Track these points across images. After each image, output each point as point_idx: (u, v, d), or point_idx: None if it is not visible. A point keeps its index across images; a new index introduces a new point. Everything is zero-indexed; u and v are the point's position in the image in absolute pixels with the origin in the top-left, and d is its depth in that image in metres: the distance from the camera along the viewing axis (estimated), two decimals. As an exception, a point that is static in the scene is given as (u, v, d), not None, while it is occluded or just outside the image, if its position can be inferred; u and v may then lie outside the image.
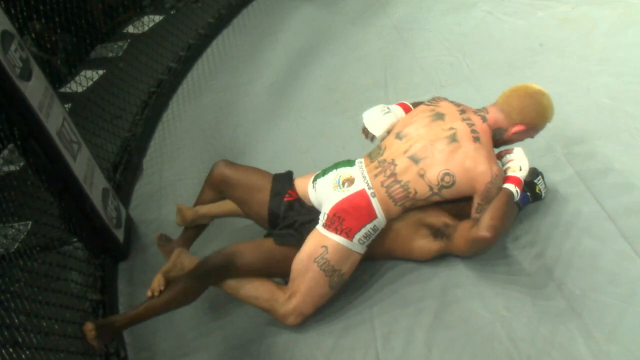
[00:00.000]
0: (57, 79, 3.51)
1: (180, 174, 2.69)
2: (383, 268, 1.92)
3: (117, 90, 3.16)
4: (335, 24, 3.45)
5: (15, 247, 2.33)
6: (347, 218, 1.74)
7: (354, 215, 1.75)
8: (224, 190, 2.02)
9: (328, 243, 1.74)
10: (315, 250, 1.75)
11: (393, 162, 1.77)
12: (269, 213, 1.92)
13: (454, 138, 1.73)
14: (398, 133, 1.85)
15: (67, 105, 2.57)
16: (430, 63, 2.81)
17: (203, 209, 2.04)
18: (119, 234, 2.27)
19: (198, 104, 3.19)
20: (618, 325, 1.56)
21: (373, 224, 1.76)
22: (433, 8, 3.23)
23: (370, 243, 1.81)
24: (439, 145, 1.74)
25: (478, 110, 1.83)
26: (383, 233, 1.83)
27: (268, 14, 3.82)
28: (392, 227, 1.83)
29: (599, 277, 1.69)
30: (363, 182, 1.78)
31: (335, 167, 1.88)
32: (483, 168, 1.69)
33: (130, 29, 4.00)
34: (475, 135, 1.73)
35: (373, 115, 1.95)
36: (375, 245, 1.84)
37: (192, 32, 3.66)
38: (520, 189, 1.73)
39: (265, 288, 1.80)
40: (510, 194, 1.71)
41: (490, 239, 1.66)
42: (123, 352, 1.95)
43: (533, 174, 1.90)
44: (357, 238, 1.75)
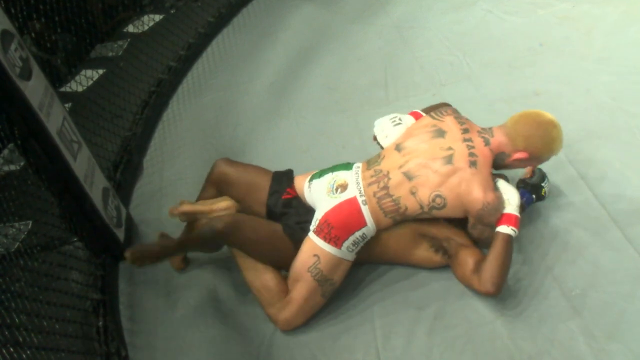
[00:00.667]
0: (57, 79, 3.50)
1: (181, 173, 2.69)
2: (383, 268, 1.93)
3: (117, 90, 3.15)
4: (335, 23, 3.44)
5: (16, 246, 2.33)
6: (336, 226, 1.75)
7: (343, 223, 1.75)
8: (224, 188, 2.03)
9: (319, 252, 1.75)
10: (308, 260, 1.76)
11: (388, 174, 1.77)
12: (267, 210, 1.94)
13: (450, 160, 1.71)
14: (398, 145, 1.84)
15: (67, 105, 2.56)
16: (431, 62, 2.81)
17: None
18: (120, 234, 2.27)
19: (198, 103, 3.18)
20: (619, 324, 1.57)
21: (362, 232, 1.76)
22: (433, 7, 3.22)
23: (370, 251, 1.82)
24: (435, 165, 1.72)
25: (483, 131, 1.78)
26: (383, 242, 1.83)
27: (268, 13, 3.82)
28: (391, 236, 1.82)
29: (600, 276, 1.69)
30: (356, 189, 1.78)
31: (332, 170, 1.88)
32: (476, 195, 1.66)
33: (130, 29, 4.00)
34: (473, 160, 1.69)
35: (384, 125, 1.94)
36: (375, 254, 1.84)
37: (192, 31, 3.65)
38: (517, 226, 1.68)
39: (270, 286, 1.82)
40: (509, 239, 1.67)
41: (494, 294, 1.65)
42: (124, 351, 1.95)
43: (541, 177, 1.85)
44: (345, 246, 1.76)
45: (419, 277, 1.86)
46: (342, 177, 1.83)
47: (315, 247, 1.76)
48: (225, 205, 2.01)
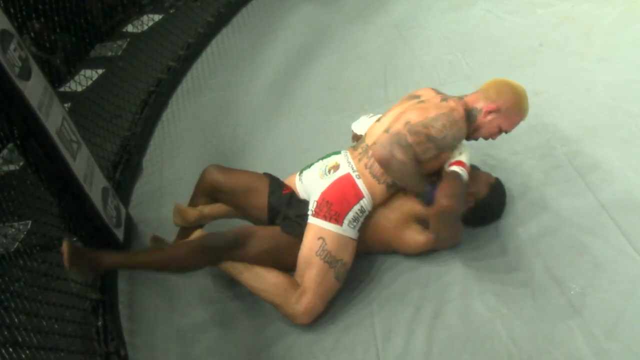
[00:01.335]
0: (56, 78, 3.50)
1: (180, 173, 2.69)
2: (383, 267, 1.93)
3: (116, 90, 3.16)
4: (335, 23, 3.45)
5: (15, 246, 2.33)
6: (334, 202, 1.78)
7: (341, 198, 1.79)
8: (218, 197, 2.01)
9: (323, 234, 1.77)
10: (314, 244, 1.77)
11: (374, 143, 1.82)
12: (269, 208, 1.93)
13: (420, 102, 1.82)
14: (379, 119, 1.94)
15: (66, 105, 2.56)
16: (430, 61, 2.81)
17: (207, 209, 2.04)
18: (119, 233, 2.27)
19: (198, 103, 3.19)
20: (618, 323, 1.56)
21: (360, 205, 1.80)
22: (433, 6, 3.23)
23: (364, 233, 1.84)
24: (407, 109, 1.82)
25: (459, 96, 1.88)
26: (375, 222, 1.86)
27: (267, 13, 3.82)
28: (383, 216, 1.87)
29: (599, 275, 1.69)
30: (348, 166, 1.85)
31: (322, 158, 1.94)
32: (434, 113, 1.75)
33: (130, 28, 4.00)
34: (444, 98, 1.81)
35: (360, 121, 2.10)
36: (368, 235, 1.86)
37: (191, 31, 3.66)
38: (467, 169, 1.79)
39: (278, 283, 1.80)
40: (456, 174, 1.76)
41: (447, 206, 1.67)
42: (123, 351, 1.95)
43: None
44: (346, 222, 1.78)
45: (419, 276, 1.86)
46: (332, 160, 1.90)
47: (319, 229, 1.78)
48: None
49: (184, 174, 2.66)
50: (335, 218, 1.77)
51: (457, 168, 1.78)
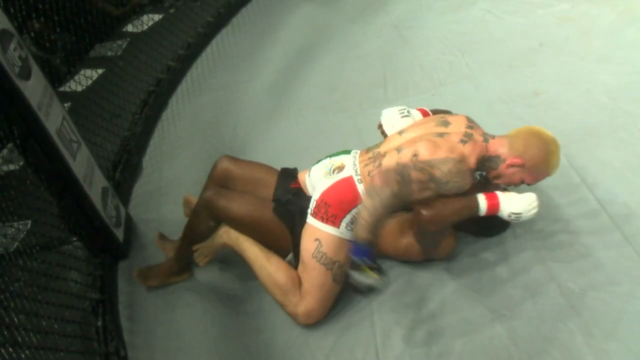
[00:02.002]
0: (56, 78, 3.49)
1: (180, 173, 2.69)
2: (383, 267, 1.92)
3: (116, 89, 3.15)
4: (335, 23, 3.44)
5: (15, 246, 2.33)
6: (332, 204, 1.77)
7: (339, 201, 1.77)
8: (228, 186, 2.03)
9: (320, 235, 1.77)
10: (311, 246, 1.78)
11: (385, 154, 1.79)
12: (274, 200, 1.93)
13: (442, 135, 1.71)
14: (402, 131, 1.86)
15: (66, 105, 2.55)
16: (430, 61, 2.81)
17: None
18: (119, 233, 2.27)
19: (197, 103, 3.18)
20: (618, 324, 1.57)
21: (358, 209, 1.76)
22: (433, 6, 3.23)
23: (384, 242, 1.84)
24: (425, 137, 1.72)
25: (486, 134, 1.76)
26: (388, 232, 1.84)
27: (267, 13, 3.82)
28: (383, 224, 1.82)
29: (599, 275, 1.69)
30: (352, 169, 1.82)
31: (331, 155, 1.92)
32: (443, 153, 1.63)
33: (130, 28, 4.00)
34: (463, 139, 1.68)
35: (391, 115, 1.95)
36: (386, 243, 1.86)
37: (191, 31, 3.65)
38: (494, 208, 1.64)
39: (283, 283, 1.82)
40: (472, 204, 1.64)
41: (425, 218, 1.63)
42: (123, 351, 1.95)
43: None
44: (343, 224, 1.77)
45: (418, 276, 1.86)
46: (339, 160, 1.87)
47: (315, 231, 1.78)
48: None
49: (184, 174, 2.66)
50: (332, 220, 1.77)
51: (482, 201, 1.65)
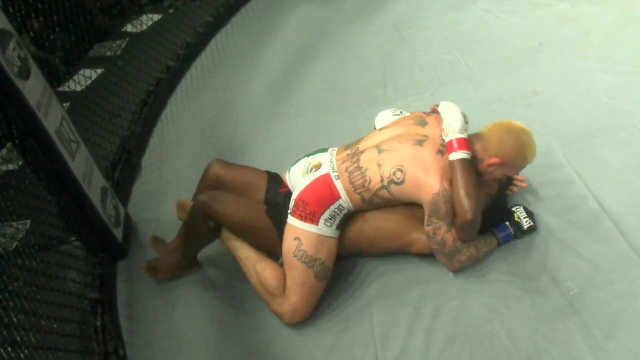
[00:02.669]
0: (55, 78, 3.50)
1: (179, 173, 2.69)
2: (382, 267, 1.93)
3: (116, 89, 3.16)
4: (335, 23, 3.44)
5: (14, 246, 2.33)
6: (310, 202, 1.78)
7: (317, 198, 1.78)
8: (220, 189, 2.02)
9: (299, 234, 1.78)
10: (291, 245, 1.79)
11: (364, 152, 1.81)
12: (266, 205, 1.93)
13: (422, 143, 1.73)
14: (382, 128, 1.90)
15: (65, 105, 2.56)
16: (430, 61, 2.81)
17: None
18: (118, 233, 2.27)
19: (197, 103, 3.18)
20: (617, 323, 1.56)
21: (338, 204, 1.79)
22: (432, 6, 3.22)
23: (366, 232, 1.84)
24: (406, 144, 1.74)
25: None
26: (378, 227, 1.84)
27: (267, 13, 3.82)
28: (388, 219, 1.83)
29: (598, 275, 1.69)
30: (329, 166, 1.82)
31: (309, 155, 1.93)
32: (432, 179, 1.67)
33: (129, 28, 4.00)
34: (442, 149, 1.71)
35: (385, 117, 2.02)
36: (372, 234, 1.85)
37: (191, 31, 3.66)
38: (466, 148, 1.67)
39: (269, 283, 1.83)
40: (465, 163, 1.66)
41: (473, 219, 1.64)
42: (122, 351, 1.95)
43: (527, 213, 1.85)
44: (322, 221, 1.78)
45: (418, 276, 1.86)
46: (316, 159, 1.88)
47: (294, 230, 1.79)
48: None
49: (183, 174, 2.66)
50: (311, 218, 1.77)
51: (460, 155, 1.66)
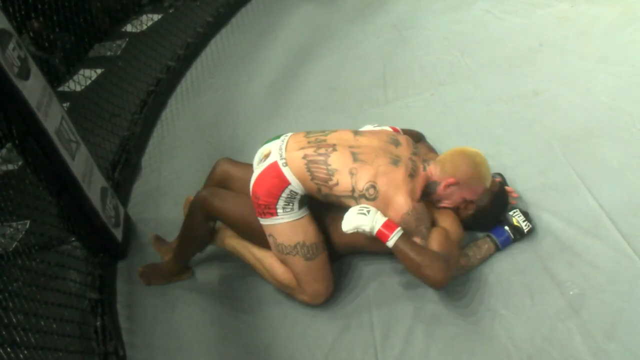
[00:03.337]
0: (55, 78, 3.50)
1: (179, 173, 2.69)
2: (382, 267, 1.92)
3: (115, 89, 3.16)
4: (335, 23, 3.44)
5: (14, 246, 2.33)
6: (261, 195, 1.77)
7: (266, 190, 1.76)
8: (227, 188, 2.04)
9: (269, 230, 1.81)
10: (270, 242, 1.83)
11: (334, 147, 1.78)
12: None
13: (396, 163, 1.75)
14: (356, 131, 1.90)
15: (65, 104, 2.56)
16: (430, 61, 2.81)
17: None
18: (118, 233, 2.27)
19: (197, 103, 3.18)
20: (617, 324, 1.56)
21: (288, 190, 1.76)
22: (432, 6, 3.22)
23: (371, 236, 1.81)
24: (382, 159, 1.75)
25: (425, 160, 1.84)
26: None
27: (267, 13, 3.82)
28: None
29: (598, 275, 1.69)
30: (277, 154, 1.80)
31: (264, 142, 1.92)
32: (402, 199, 1.69)
33: (129, 28, 4.00)
34: (411, 173, 1.75)
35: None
36: (373, 238, 1.81)
37: (190, 30, 3.66)
38: (392, 225, 1.66)
39: (281, 277, 1.85)
40: (403, 237, 1.65)
41: (444, 281, 1.63)
42: (122, 351, 1.95)
43: (522, 215, 1.85)
44: (280, 210, 1.77)
45: (418, 276, 1.86)
46: (267, 147, 1.87)
47: (265, 227, 1.81)
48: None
49: (183, 174, 2.66)
50: (268, 212, 1.77)
51: (395, 235, 1.64)
